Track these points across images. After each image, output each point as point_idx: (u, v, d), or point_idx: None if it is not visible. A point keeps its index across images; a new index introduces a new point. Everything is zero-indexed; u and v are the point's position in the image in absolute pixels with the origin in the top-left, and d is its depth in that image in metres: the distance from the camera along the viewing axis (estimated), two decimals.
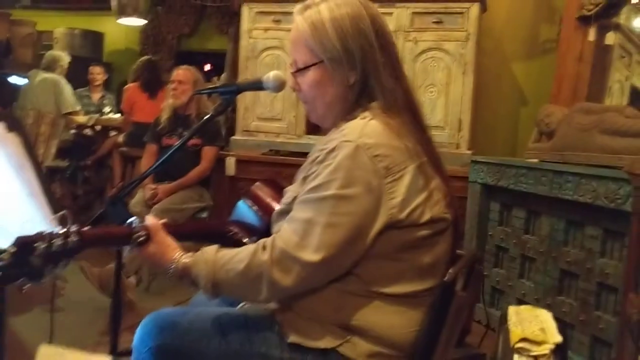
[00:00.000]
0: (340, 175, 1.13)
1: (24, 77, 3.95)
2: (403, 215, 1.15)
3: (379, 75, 1.24)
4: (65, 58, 5.52)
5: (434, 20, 3.91)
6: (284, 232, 1.16)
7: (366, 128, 1.17)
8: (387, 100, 1.23)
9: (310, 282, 1.17)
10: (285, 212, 1.24)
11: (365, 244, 1.14)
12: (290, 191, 1.30)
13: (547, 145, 3.02)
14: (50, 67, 5.37)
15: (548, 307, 2.41)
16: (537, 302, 2.68)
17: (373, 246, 1.15)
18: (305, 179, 1.22)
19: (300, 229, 1.14)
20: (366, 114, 1.22)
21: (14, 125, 1.54)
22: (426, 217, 1.18)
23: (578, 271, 2.50)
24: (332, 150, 1.16)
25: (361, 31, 1.22)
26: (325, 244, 1.11)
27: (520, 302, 2.85)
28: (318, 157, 1.19)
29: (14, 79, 3.96)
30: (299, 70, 1.28)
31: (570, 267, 2.56)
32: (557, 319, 1.85)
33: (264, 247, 1.16)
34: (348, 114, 1.25)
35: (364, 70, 1.23)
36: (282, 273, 1.13)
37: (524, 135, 4.06)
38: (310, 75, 1.26)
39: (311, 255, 1.11)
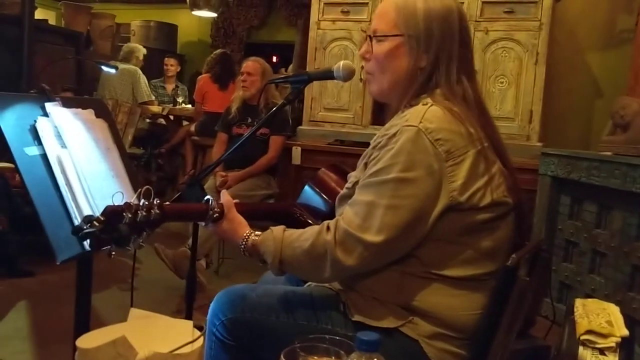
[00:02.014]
0: (402, 159, 1.15)
1: (113, 67, 4.23)
2: (463, 198, 1.17)
3: (451, 66, 1.27)
4: (141, 50, 5.79)
5: (505, 10, 3.83)
6: (347, 214, 1.20)
7: (428, 113, 1.19)
8: (451, 89, 1.26)
9: (372, 263, 1.20)
10: (347, 197, 1.29)
11: (426, 226, 1.17)
12: (352, 176, 1.34)
13: (621, 137, 2.92)
14: (128, 58, 5.65)
15: (618, 303, 2.34)
16: (607, 298, 2.61)
17: (433, 229, 1.18)
18: (367, 164, 1.25)
19: (362, 211, 1.17)
20: (428, 100, 1.24)
21: (102, 112, 1.66)
22: (487, 200, 1.19)
23: None
24: (394, 135, 1.19)
25: (447, 21, 1.27)
26: (386, 225, 1.14)
27: (589, 297, 2.78)
28: (380, 142, 1.23)
29: (105, 68, 4.29)
30: (378, 37, 1.31)
31: None
32: (627, 316, 1.81)
33: (328, 228, 1.20)
34: (412, 99, 1.28)
35: (437, 57, 1.26)
36: (345, 253, 1.16)
37: (599, 128, 3.92)
38: (387, 44, 1.30)
39: (373, 236, 1.15)
